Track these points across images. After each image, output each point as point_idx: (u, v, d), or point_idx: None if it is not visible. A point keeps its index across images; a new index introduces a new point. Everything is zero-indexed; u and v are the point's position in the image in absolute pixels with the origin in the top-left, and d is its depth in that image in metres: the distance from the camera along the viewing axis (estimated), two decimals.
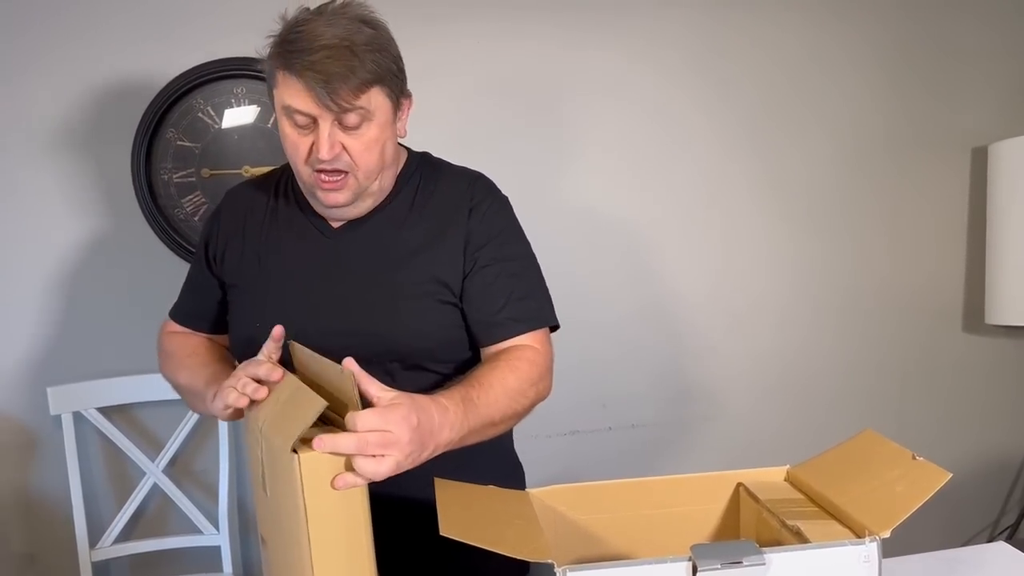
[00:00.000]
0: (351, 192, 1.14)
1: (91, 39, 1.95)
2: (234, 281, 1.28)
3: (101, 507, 2.04)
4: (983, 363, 2.41)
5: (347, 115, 1.08)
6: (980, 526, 2.45)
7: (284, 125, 1.12)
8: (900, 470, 0.90)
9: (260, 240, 1.26)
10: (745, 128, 2.26)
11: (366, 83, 1.08)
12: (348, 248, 1.22)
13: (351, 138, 1.10)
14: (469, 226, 1.21)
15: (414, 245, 1.20)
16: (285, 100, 1.09)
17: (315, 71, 1.04)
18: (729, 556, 0.79)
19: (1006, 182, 2.17)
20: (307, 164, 1.12)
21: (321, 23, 1.08)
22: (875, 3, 2.27)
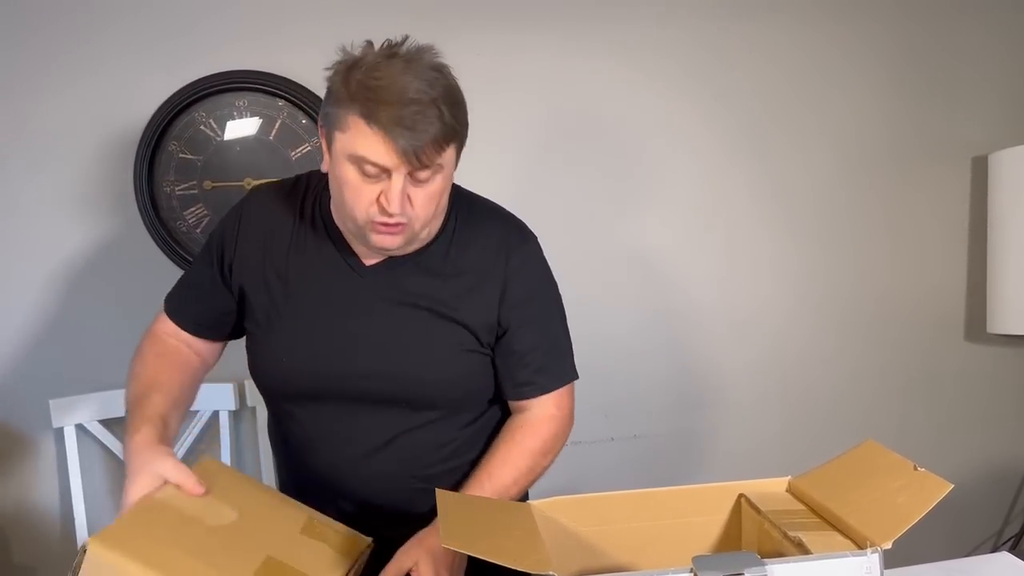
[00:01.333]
0: (404, 239, 1.12)
1: (94, 52, 1.97)
2: (255, 303, 1.23)
3: (103, 519, 2.04)
4: (985, 372, 2.40)
5: (425, 170, 1.06)
6: (983, 536, 2.44)
7: (348, 171, 1.06)
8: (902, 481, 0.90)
9: (286, 266, 1.22)
10: (747, 137, 2.26)
11: (450, 140, 1.07)
12: (381, 289, 1.19)
13: (417, 190, 1.08)
14: (506, 282, 1.20)
15: (448, 293, 1.19)
16: (359, 150, 1.04)
17: (404, 127, 1.01)
18: (731, 567, 0.79)
19: (1007, 191, 2.18)
20: (367, 209, 1.08)
21: (399, 69, 1.04)
22: (876, 13, 2.28)
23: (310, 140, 2.05)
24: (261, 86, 2.02)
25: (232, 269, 1.25)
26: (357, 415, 1.19)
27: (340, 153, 1.07)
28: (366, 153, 1.03)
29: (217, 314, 1.29)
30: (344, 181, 1.08)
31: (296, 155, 2.05)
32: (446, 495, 0.95)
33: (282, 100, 2.03)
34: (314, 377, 1.19)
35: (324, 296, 1.20)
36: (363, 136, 1.03)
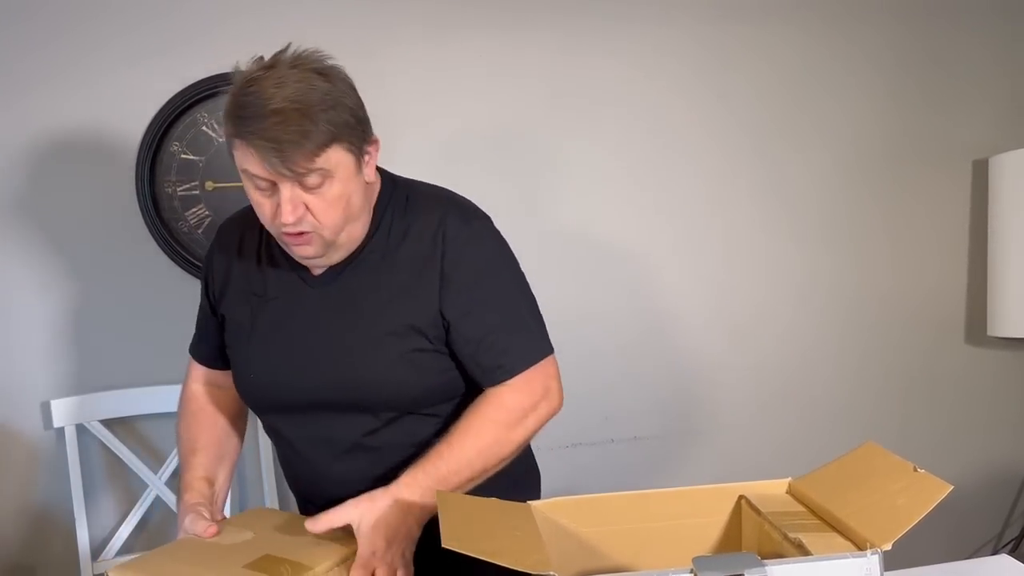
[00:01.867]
0: (318, 247, 1.12)
1: (96, 53, 1.97)
2: (229, 325, 1.29)
3: (103, 519, 2.04)
4: (986, 375, 2.40)
5: (306, 177, 1.04)
6: (984, 539, 2.44)
7: (248, 187, 1.09)
8: (902, 483, 0.90)
9: (250, 286, 1.26)
10: (747, 141, 2.27)
11: (321, 145, 1.03)
12: (328, 297, 1.20)
13: (314, 197, 1.06)
14: (443, 270, 1.16)
15: (389, 293, 1.17)
16: (243, 165, 1.06)
17: (266, 139, 1.00)
18: (731, 568, 0.79)
19: (1007, 194, 2.18)
20: (273, 224, 1.09)
21: (271, 82, 1.02)
22: (876, 18, 2.29)
23: None
24: None
25: (215, 298, 1.32)
26: (326, 422, 1.21)
27: (240, 170, 1.09)
28: (248, 167, 1.05)
29: (217, 344, 1.36)
30: (250, 197, 1.11)
31: None
32: (447, 495, 0.95)
33: None
34: (279, 390, 1.22)
35: (282, 311, 1.22)
36: (240, 152, 1.05)
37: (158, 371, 2.04)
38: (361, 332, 1.17)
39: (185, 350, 2.02)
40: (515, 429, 1.16)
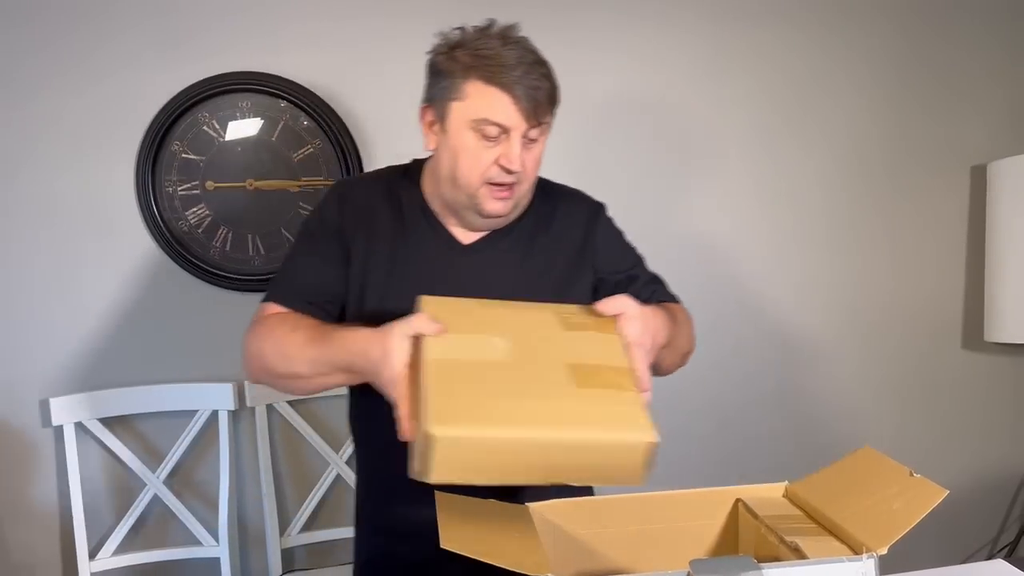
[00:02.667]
0: (514, 202, 1.19)
1: (98, 52, 1.97)
2: (362, 281, 1.23)
3: (101, 518, 2.04)
4: (982, 380, 2.41)
5: (537, 128, 1.14)
6: (979, 544, 2.44)
7: (467, 138, 1.14)
8: (898, 487, 0.91)
9: (390, 245, 1.24)
10: (746, 146, 2.27)
11: (555, 99, 1.16)
12: (478, 267, 1.23)
13: (528, 151, 1.16)
14: (597, 246, 1.30)
15: (543, 265, 1.25)
16: (481, 112, 1.12)
17: (525, 85, 1.11)
18: (727, 571, 0.79)
19: (1005, 200, 2.19)
20: (482, 173, 1.15)
21: (497, 43, 1.13)
22: (876, 25, 2.29)
23: (312, 141, 2.06)
24: (264, 87, 2.02)
25: (349, 252, 1.24)
26: None
27: (458, 121, 1.14)
28: (489, 115, 1.12)
29: (331, 297, 1.25)
30: (461, 148, 1.15)
31: (298, 156, 2.05)
32: (445, 497, 0.96)
33: (285, 102, 2.04)
34: None
35: (426, 276, 1.22)
36: (485, 98, 1.12)
37: (157, 370, 2.05)
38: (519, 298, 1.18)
39: (183, 349, 2.05)
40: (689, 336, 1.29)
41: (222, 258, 2.05)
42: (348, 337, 1.06)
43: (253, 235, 2.06)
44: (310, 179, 2.07)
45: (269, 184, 2.05)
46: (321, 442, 2.09)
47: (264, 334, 1.18)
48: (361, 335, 1.04)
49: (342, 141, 2.05)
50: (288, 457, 2.13)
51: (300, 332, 1.14)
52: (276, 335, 1.16)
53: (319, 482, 2.10)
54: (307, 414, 2.10)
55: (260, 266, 2.06)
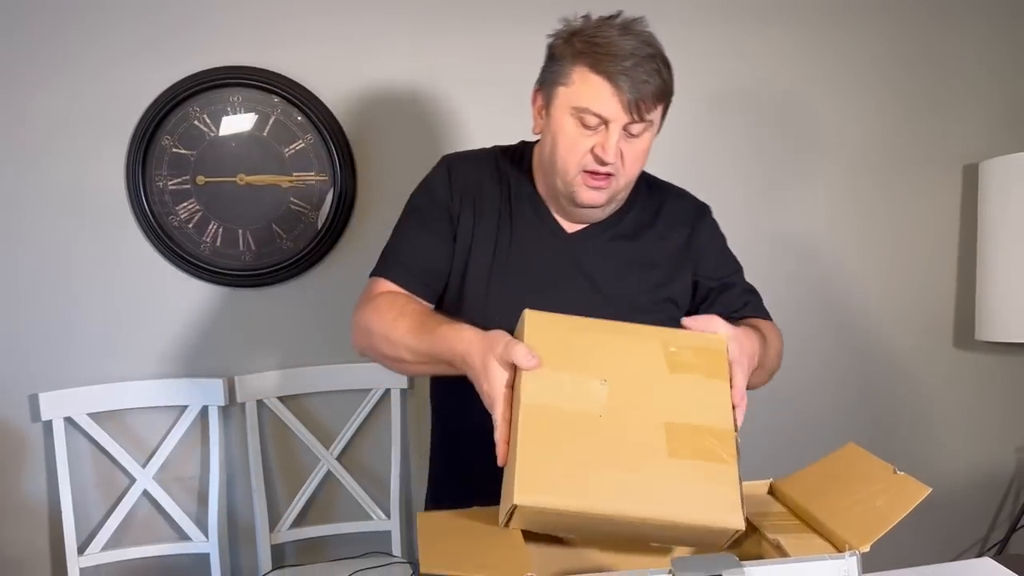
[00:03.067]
0: (610, 194, 1.18)
1: (89, 46, 1.96)
2: (466, 258, 1.23)
3: (90, 513, 2.04)
4: (973, 379, 2.42)
5: (639, 123, 1.12)
6: (970, 541, 2.45)
7: (567, 123, 1.14)
8: (881, 484, 0.91)
9: (495, 226, 1.24)
10: (738, 143, 2.27)
11: (663, 97, 1.14)
12: (584, 254, 1.24)
13: (628, 145, 1.14)
14: (699, 248, 1.30)
15: (646, 260, 1.25)
16: (583, 100, 1.11)
17: (629, 77, 1.09)
18: (709, 569, 0.79)
19: (996, 199, 2.19)
20: (579, 161, 1.14)
21: (617, 32, 1.11)
22: (871, 24, 2.29)
23: (303, 136, 2.05)
24: (256, 82, 2.02)
25: (458, 230, 1.25)
26: None
27: (561, 107, 1.14)
28: (590, 103, 1.11)
29: (440, 274, 1.25)
30: (562, 133, 1.14)
31: (289, 151, 2.05)
32: (427, 517, 0.96)
33: (276, 97, 2.03)
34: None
35: (531, 258, 1.23)
36: (588, 86, 1.11)
37: (147, 365, 2.04)
38: (619, 291, 1.21)
39: (173, 344, 2.05)
40: (779, 350, 1.27)
41: (212, 253, 2.04)
42: (451, 336, 1.05)
43: (244, 230, 2.05)
44: (301, 174, 2.06)
45: (260, 179, 2.05)
46: (312, 438, 2.09)
47: (372, 315, 1.18)
48: (465, 337, 1.03)
49: (334, 136, 2.05)
50: (278, 453, 2.13)
51: (406, 319, 1.14)
52: (384, 319, 1.16)
53: (309, 478, 2.10)
54: (298, 410, 2.10)
55: (250, 261, 2.05)
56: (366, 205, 2.10)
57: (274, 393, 2.06)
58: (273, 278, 2.07)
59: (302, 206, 2.07)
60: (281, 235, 2.06)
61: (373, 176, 2.10)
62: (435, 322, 1.12)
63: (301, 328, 2.11)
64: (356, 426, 2.12)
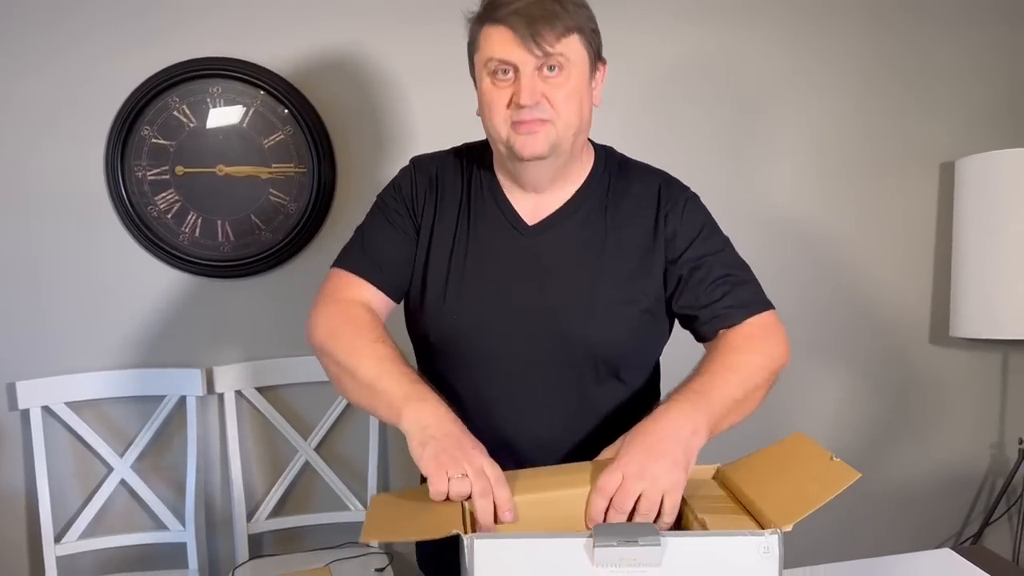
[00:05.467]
0: (548, 141, 1.12)
1: (69, 35, 1.97)
2: (425, 256, 1.22)
3: (68, 502, 2.05)
4: (949, 375, 2.43)
5: (549, 60, 1.09)
6: (945, 535, 2.47)
7: (484, 84, 1.13)
8: (817, 470, 0.92)
9: (455, 221, 1.22)
10: (716, 140, 2.28)
11: (568, 28, 1.09)
12: (545, 248, 1.19)
13: (552, 87, 1.10)
14: (670, 232, 1.20)
15: (612, 250, 1.19)
16: (487, 53, 1.10)
17: (519, 15, 1.07)
18: (627, 535, 0.82)
19: (971, 197, 2.20)
20: (504, 116, 1.12)
21: None
22: (849, 25, 2.30)
23: (283, 128, 2.06)
24: (235, 74, 2.02)
25: (420, 226, 1.24)
26: (526, 375, 1.17)
27: (478, 72, 1.14)
28: (493, 52, 1.10)
29: (402, 269, 1.23)
30: (483, 95, 1.13)
31: (269, 143, 2.06)
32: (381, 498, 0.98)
33: (256, 88, 2.04)
34: (483, 339, 1.17)
35: (490, 255, 1.20)
36: (487, 39, 1.10)
37: (125, 355, 2.05)
38: (583, 285, 1.17)
39: (151, 334, 2.05)
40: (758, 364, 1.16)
41: (191, 243, 2.05)
42: (412, 407, 1.02)
43: (223, 221, 2.06)
44: (281, 166, 2.07)
45: (239, 170, 2.06)
46: (290, 428, 2.10)
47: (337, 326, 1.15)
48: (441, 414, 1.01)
49: (313, 128, 2.06)
50: (257, 443, 2.14)
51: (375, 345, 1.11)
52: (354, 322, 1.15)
53: (287, 468, 2.11)
54: (276, 400, 2.11)
55: (229, 252, 2.06)
56: (345, 197, 2.11)
57: (252, 384, 2.07)
58: (252, 269, 2.08)
59: (281, 198, 2.08)
60: (260, 226, 2.07)
61: (352, 168, 2.11)
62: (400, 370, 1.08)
63: (279, 319, 2.12)
64: (334, 417, 2.13)
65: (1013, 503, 2.35)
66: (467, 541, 0.82)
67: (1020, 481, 2.26)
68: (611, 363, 1.18)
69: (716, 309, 1.19)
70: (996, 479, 2.45)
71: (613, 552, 0.82)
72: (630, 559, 0.82)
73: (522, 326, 1.16)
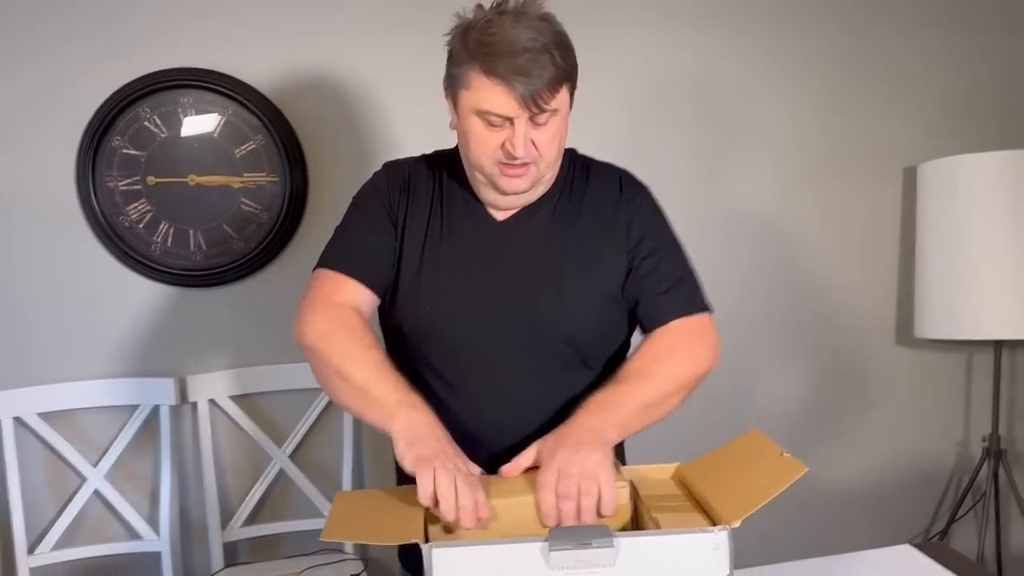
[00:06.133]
0: (531, 180, 1.19)
1: (39, 45, 1.97)
2: (405, 256, 1.26)
3: (41, 512, 2.04)
4: (914, 375, 2.47)
5: (543, 114, 1.14)
6: (913, 532, 2.51)
7: (473, 123, 1.16)
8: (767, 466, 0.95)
9: (427, 217, 1.27)
10: (681, 145, 2.31)
11: (561, 82, 1.14)
12: (514, 240, 1.25)
13: (539, 132, 1.16)
14: (628, 221, 1.27)
15: (577, 240, 1.25)
16: (482, 104, 1.13)
17: (521, 75, 1.10)
18: (582, 538, 0.85)
19: (932, 201, 2.25)
20: (492, 157, 1.17)
21: (509, 24, 1.12)
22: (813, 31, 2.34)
23: (255, 138, 2.07)
24: (207, 84, 2.04)
25: (394, 221, 1.27)
26: (498, 364, 1.22)
27: (466, 109, 1.16)
28: (490, 106, 1.13)
29: (387, 266, 1.26)
30: (471, 134, 1.17)
31: (241, 152, 2.07)
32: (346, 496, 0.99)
33: (227, 98, 2.05)
34: (455, 327, 1.22)
35: (463, 248, 1.25)
36: (485, 90, 1.13)
37: (98, 365, 2.05)
38: (551, 274, 1.22)
39: (124, 344, 2.06)
40: (681, 370, 1.22)
41: (163, 253, 2.05)
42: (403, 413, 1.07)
43: (195, 230, 2.07)
44: (252, 175, 2.08)
45: (211, 180, 2.07)
46: (264, 436, 2.11)
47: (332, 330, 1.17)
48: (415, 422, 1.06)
49: (284, 137, 2.07)
50: (231, 451, 2.15)
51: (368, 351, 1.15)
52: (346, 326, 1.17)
53: (262, 476, 2.12)
54: (250, 408, 2.11)
55: (202, 261, 2.07)
56: (317, 206, 2.12)
57: (226, 392, 2.08)
58: (224, 278, 2.09)
59: (253, 207, 2.09)
60: (232, 235, 2.08)
61: (324, 177, 2.13)
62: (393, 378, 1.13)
63: (253, 328, 2.12)
64: (308, 424, 2.14)
65: (978, 499, 2.39)
66: (425, 550, 0.84)
67: (984, 478, 2.30)
68: (580, 350, 1.24)
69: (654, 304, 1.25)
70: (962, 476, 2.50)
71: (568, 555, 0.84)
72: (585, 561, 0.85)
73: (494, 313, 1.21)
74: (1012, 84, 2.45)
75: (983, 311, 2.15)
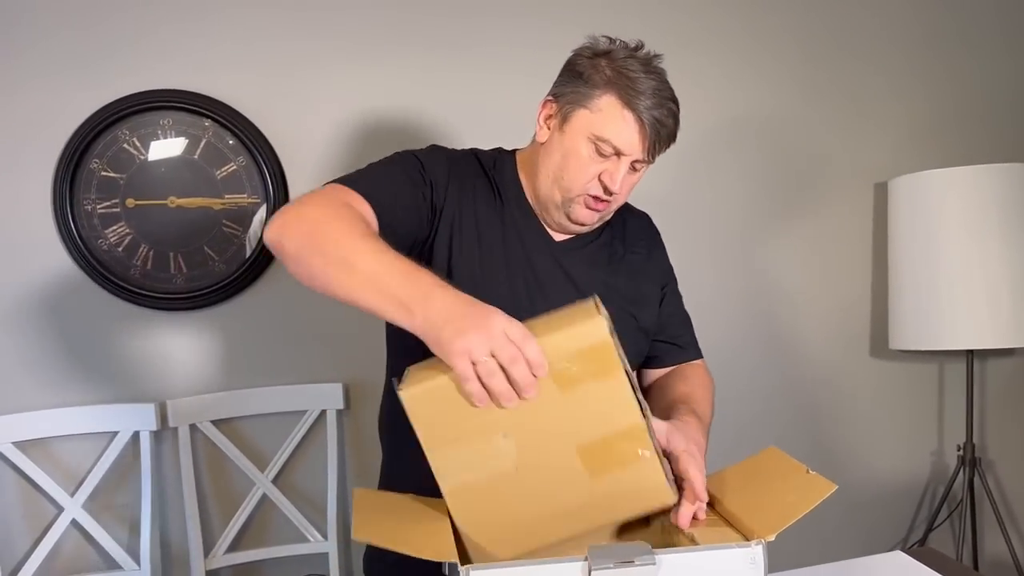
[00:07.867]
0: (602, 217, 1.26)
1: (16, 67, 1.95)
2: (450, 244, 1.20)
3: (15, 544, 1.98)
4: (889, 387, 2.53)
5: (645, 162, 1.20)
6: (892, 541, 2.55)
7: (581, 146, 1.18)
8: (794, 482, 0.96)
9: (484, 224, 1.24)
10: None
11: (673, 141, 1.21)
12: (571, 263, 1.28)
13: (630, 176, 1.21)
14: (659, 261, 1.40)
15: (621, 273, 1.32)
16: (606, 131, 1.15)
17: (659, 123, 1.15)
18: (623, 556, 0.84)
19: (903, 215, 2.31)
20: (585, 184, 1.19)
21: (643, 68, 1.16)
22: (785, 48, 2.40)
23: (235, 159, 2.06)
24: (186, 105, 2.02)
25: (441, 203, 1.21)
26: None
27: (579, 129, 1.18)
28: (612, 136, 1.15)
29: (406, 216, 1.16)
30: (575, 155, 1.18)
31: (221, 174, 2.05)
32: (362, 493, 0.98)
33: (208, 120, 2.03)
34: None
35: (518, 263, 1.24)
36: (615, 120, 1.15)
37: (76, 391, 2.01)
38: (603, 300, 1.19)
39: (104, 369, 2.02)
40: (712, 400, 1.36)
41: (143, 277, 2.02)
42: (437, 293, 0.92)
43: (175, 253, 2.04)
44: (233, 196, 2.06)
45: (192, 202, 2.04)
46: (246, 461, 2.07)
47: (334, 210, 1.03)
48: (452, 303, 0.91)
49: (266, 158, 2.06)
50: (212, 477, 2.11)
51: (378, 240, 0.99)
52: (348, 217, 1.02)
53: (244, 502, 2.08)
54: (231, 434, 2.08)
55: (182, 284, 2.04)
56: None
57: (207, 417, 2.05)
58: (205, 301, 2.06)
59: (234, 228, 2.07)
60: (213, 257, 2.06)
61: None
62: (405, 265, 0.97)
63: (234, 351, 2.10)
64: (291, 448, 2.11)
65: (955, 508, 2.44)
66: (463, 573, 0.83)
67: (960, 486, 2.35)
68: None
69: (679, 342, 1.39)
70: (937, 486, 2.55)
71: (610, 574, 0.83)
72: None
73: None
74: (976, 102, 2.53)
75: (955, 322, 2.20)
